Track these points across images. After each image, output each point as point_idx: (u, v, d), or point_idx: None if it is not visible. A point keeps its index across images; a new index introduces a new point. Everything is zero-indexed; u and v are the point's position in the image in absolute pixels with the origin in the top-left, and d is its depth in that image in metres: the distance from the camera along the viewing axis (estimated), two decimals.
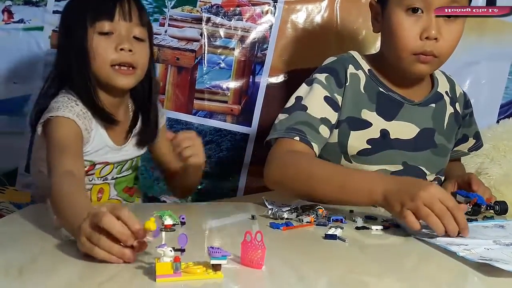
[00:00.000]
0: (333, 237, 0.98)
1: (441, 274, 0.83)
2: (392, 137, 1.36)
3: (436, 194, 0.98)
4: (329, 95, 1.33)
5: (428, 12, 1.25)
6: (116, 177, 1.41)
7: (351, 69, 1.37)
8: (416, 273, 0.85)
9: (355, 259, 0.91)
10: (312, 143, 1.27)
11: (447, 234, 0.98)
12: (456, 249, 0.89)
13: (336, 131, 1.35)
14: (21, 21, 1.73)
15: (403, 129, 1.37)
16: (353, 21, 1.79)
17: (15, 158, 1.76)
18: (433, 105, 1.41)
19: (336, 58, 1.41)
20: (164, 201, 1.76)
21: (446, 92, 1.46)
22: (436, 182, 1.44)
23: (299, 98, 1.34)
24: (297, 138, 1.26)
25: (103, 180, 1.39)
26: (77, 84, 1.29)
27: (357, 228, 1.07)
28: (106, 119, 1.32)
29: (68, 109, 1.24)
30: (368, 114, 1.36)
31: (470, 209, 1.22)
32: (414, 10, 1.26)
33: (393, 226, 1.09)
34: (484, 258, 0.84)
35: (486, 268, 0.80)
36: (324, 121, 1.31)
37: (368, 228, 1.07)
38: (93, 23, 1.26)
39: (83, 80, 1.28)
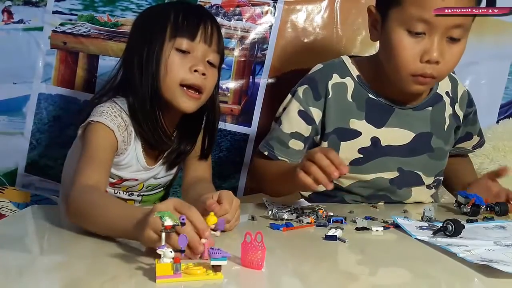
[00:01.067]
0: (333, 238, 0.98)
1: (442, 275, 0.83)
2: (383, 144, 1.35)
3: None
4: (303, 109, 1.35)
5: (430, 34, 1.20)
6: (144, 195, 1.38)
7: (335, 79, 1.35)
8: (416, 274, 0.85)
9: (355, 259, 0.91)
10: (279, 158, 1.35)
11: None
12: (456, 250, 0.89)
13: (325, 144, 1.35)
14: (21, 21, 1.73)
15: (394, 135, 1.36)
16: (353, 21, 1.79)
17: (15, 158, 1.76)
18: (430, 108, 1.39)
19: (321, 67, 1.39)
20: None
21: (447, 93, 1.43)
22: (436, 184, 1.44)
23: (283, 110, 1.39)
24: (266, 153, 1.36)
25: (129, 195, 1.36)
26: (141, 98, 1.23)
27: (357, 229, 1.07)
28: (158, 140, 1.27)
29: (111, 118, 1.20)
30: (356, 123, 1.34)
31: (469, 210, 1.22)
32: (417, 33, 1.21)
33: (393, 227, 1.09)
34: (484, 259, 0.84)
35: (486, 269, 0.80)
36: (295, 135, 1.35)
37: (368, 229, 1.07)
38: (173, 37, 1.22)
39: (150, 94, 1.23)
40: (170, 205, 0.85)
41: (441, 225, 1.02)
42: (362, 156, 1.34)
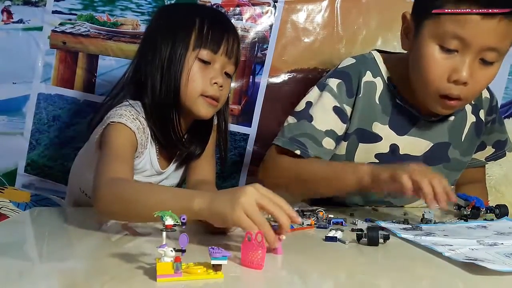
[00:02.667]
0: (333, 239, 0.98)
1: (441, 275, 0.83)
2: (401, 152, 1.31)
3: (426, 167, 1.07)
4: (338, 105, 1.27)
5: (463, 52, 1.14)
6: None
7: (367, 76, 1.29)
8: (415, 274, 0.85)
9: (355, 260, 0.91)
10: (312, 157, 1.25)
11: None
12: (441, 249, 0.90)
13: (344, 144, 1.31)
14: (20, 21, 1.73)
15: (414, 145, 1.31)
16: (353, 21, 1.78)
17: (14, 158, 1.76)
18: (452, 117, 1.33)
19: (354, 61, 1.32)
20: None
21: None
22: None
23: (309, 104, 1.29)
24: (298, 151, 1.25)
25: None
26: (158, 101, 1.23)
27: (353, 230, 1.07)
28: (178, 145, 1.28)
29: (130, 120, 1.19)
30: (379, 127, 1.29)
31: (469, 212, 1.22)
32: (449, 49, 1.15)
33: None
34: (469, 257, 0.84)
35: (472, 267, 0.80)
36: (329, 133, 1.26)
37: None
38: (197, 48, 1.23)
39: (169, 99, 1.23)
40: (253, 200, 0.87)
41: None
42: (377, 161, 1.29)
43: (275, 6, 1.77)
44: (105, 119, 1.20)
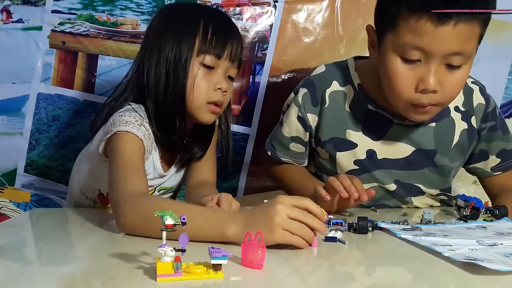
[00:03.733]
0: (333, 239, 0.98)
1: (441, 275, 0.83)
2: (379, 157, 1.32)
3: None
4: (301, 115, 1.35)
5: (426, 61, 1.12)
6: None
7: (334, 87, 1.32)
8: (415, 274, 0.85)
9: (354, 260, 0.91)
10: (282, 158, 1.41)
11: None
12: (441, 249, 0.90)
13: (323, 151, 1.36)
14: (19, 20, 1.72)
15: (392, 149, 1.32)
16: (353, 21, 1.78)
17: (14, 159, 1.76)
18: (433, 124, 1.31)
19: (323, 70, 1.36)
20: None
21: (456, 108, 1.32)
22: (443, 196, 1.40)
23: (284, 109, 1.42)
24: (269, 153, 1.43)
25: None
26: (162, 106, 1.23)
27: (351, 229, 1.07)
28: (182, 149, 1.29)
29: (136, 127, 1.17)
30: (352, 135, 1.32)
31: (469, 213, 1.21)
32: (411, 61, 1.13)
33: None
34: (469, 258, 0.84)
35: (472, 267, 0.80)
36: (295, 139, 1.38)
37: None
38: (201, 53, 1.22)
39: (174, 104, 1.23)
40: (286, 216, 0.91)
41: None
42: (357, 167, 1.33)
43: (275, 6, 1.77)
44: (109, 125, 1.18)
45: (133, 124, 1.17)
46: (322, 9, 1.78)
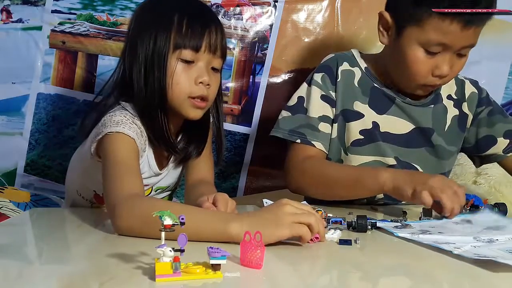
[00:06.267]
0: (347, 242, 0.97)
1: (443, 274, 0.83)
2: (382, 130, 1.39)
3: (444, 180, 1.16)
4: (324, 93, 1.40)
5: (444, 52, 1.27)
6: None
7: (344, 66, 1.42)
8: (416, 274, 0.85)
9: (355, 259, 0.91)
10: (313, 142, 1.37)
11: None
12: (446, 247, 0.90)
13: (335, 126, 1.40)
14: (19, 20, 1.73)
15: (393, 124, 1.40)
16: (353, 21, 1.78)
17: (14, 159, 1.76)
18: (432, 106, 1.43)
19: (333, 56, 1.45)
20: None
21: (449, 96, 1.45)
22: None
23: (300, 99, 1.42)
24: (298, 140, 1.37)
25: None
26: (149, 106, 1.20)
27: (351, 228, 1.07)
28: (168, 147, 1.26)
29: (128, 126, 1.16)
30: (360, 106, 1.40)
31: (467, 210, 1.21)
32: (433, 53, 1.27)
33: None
34: (479, 255, 0.84)
35: (485, 265, 0.80)
36: (323, 118, 1.39)
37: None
38: (178, 49, 1.19)
39: (154, 100, 1.20)
40: (293, 212, 0.93)
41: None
42: (362, 137, 1.39)
43: (275, 6, 1.77)
44: (100, 126, 1.16)
45: (124, 123, 1.15)
46: (322, 9, 1.78)
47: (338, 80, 1.40)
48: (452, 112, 1.44)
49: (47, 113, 1.75)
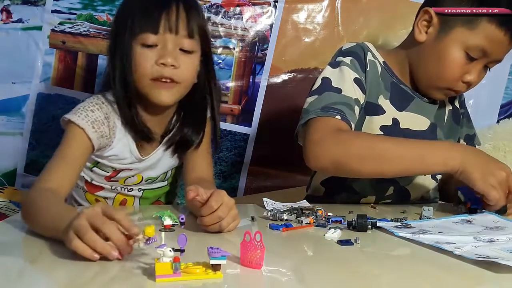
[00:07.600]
0: (348, 242, 0.97)
1: (443, 273, 0.83)
2: (402, 126, 1.36)
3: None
4: (358, 77, 1.32)
5: (480, 60, 1.27)
6: (145, 189, 1.37)
7: (369, 56, 1.37)
8: (417, 273, 0.85)
9: (355, 259, 0.91)
10: (351, 123, 1.25)
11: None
12: (447, 247, 0.90)
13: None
14: (19, 20, 1.73)
15: (413, 120, 1.38)
16: (354, 20, 1.78)
17: (14, 159, 1.76)
18: (438, 102, 1.42)
19: (355, 44, 1.39)
20: None
21: None
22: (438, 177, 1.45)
23: (326, 80, 1.31)
24: (338, 117, 1.23)
25: (128, 191, 1.35)
26: (116, 94, 1.24)
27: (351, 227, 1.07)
28: (140, 135, 1.27)
29: (85, 114, 1.20)
30: (383, 101, 1.36)
31: (467, 211, 1.21)
32: (472, 58, 1.27)
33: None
34: (480, 255, 0.84)
35: (486, 265, 0.80)
36: (357, 102, 1.30)
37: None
38: (136, 35, 1.19)
39: (123, 91, 1.23)
40: (99, 209, 0.85)
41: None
42: (382, 133, 1.34)
43: (275, 6, 1.77)
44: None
45: (83, 109, 1.21)
46: (322, 9, 1.78)
47: (368, 69, 1.34)
48: (448, 106, 1.46)
49: (47, 113, 1.75)
